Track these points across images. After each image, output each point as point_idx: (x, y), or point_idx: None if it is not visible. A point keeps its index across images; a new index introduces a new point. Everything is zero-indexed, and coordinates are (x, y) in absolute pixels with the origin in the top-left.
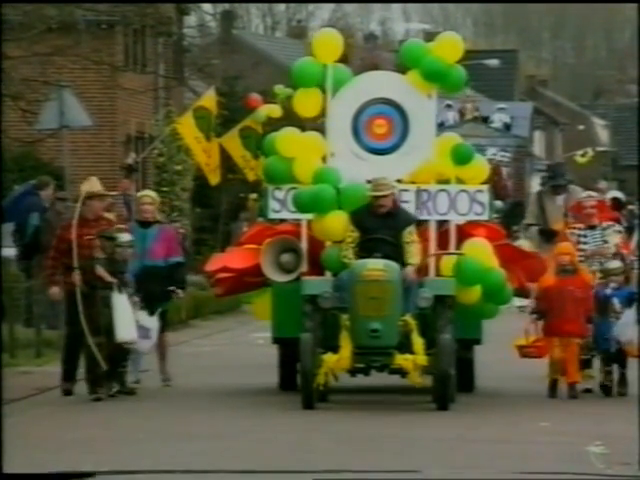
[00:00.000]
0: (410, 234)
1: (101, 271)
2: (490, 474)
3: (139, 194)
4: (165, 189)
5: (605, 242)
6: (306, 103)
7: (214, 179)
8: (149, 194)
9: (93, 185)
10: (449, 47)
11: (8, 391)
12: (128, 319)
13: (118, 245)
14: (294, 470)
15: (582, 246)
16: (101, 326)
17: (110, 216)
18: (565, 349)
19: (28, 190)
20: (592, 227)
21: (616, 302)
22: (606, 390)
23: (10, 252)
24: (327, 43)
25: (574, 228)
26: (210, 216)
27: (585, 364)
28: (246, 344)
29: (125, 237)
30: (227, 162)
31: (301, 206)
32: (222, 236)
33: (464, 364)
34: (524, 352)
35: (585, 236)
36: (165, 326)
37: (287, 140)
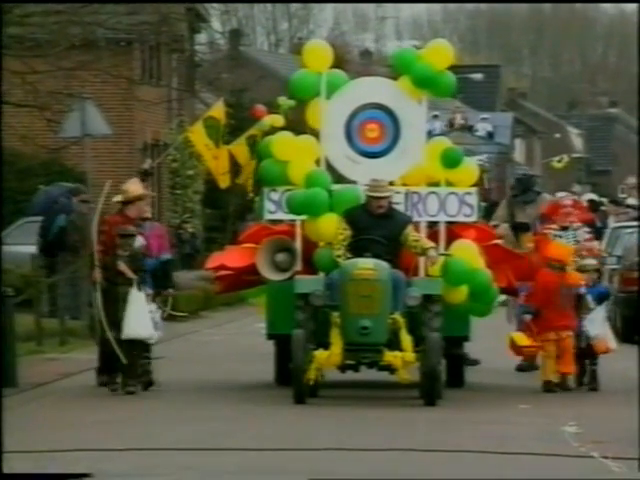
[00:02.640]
0: (413, 233)
1: (123, 267)
2: (473, 453)
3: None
4: (178, 192)
5: (577, 242)
6: (317, 114)
7: (223, 183)
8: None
9: (138, 186)
10: (439, 54)
11: (35, 376)
12: (141, 317)
13: (132, 255)
14: (293, 448)
15: None
16: (120, 321)
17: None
18: (559, 343)
19: (64, 193)
20: (565, 228)
21: (590, 299)
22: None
23: (31, 249)
24: (317, 53)
25: (550, 228)
26: (219, 216)
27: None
28: (251, 333)
29: (138, 242)
30: (235, 167)
31: (294, 208)
32: (230, 235)
33: (454, 360)
34: (523, 351)
35: (560, 237)
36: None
37: (282, 144)
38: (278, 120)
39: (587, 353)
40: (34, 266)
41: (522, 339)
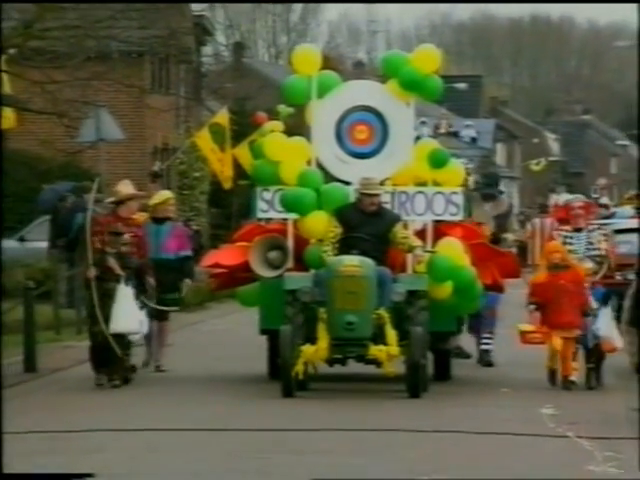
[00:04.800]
0: (402, 232)
1: (112, 263)
2: (456, 433)
3: (159, 194)
4: (186, 192)
5: (591, 244)
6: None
7: (227, 184)
8: (169, 195)
9: (128, 187)
10: (427, 58)
11: (54, 362)
12: (128, 312)
13: (122, 243)
14: (289, 428)
15: (569, 247)
16: (107, 316)
17: (143, 216)
18: (564, 342)
19: (69, 190)
20: (578, 230)
21: (592, 300)
22: (588, 384)
23: (43, 244)
24: (305, 57)
25: (562, 230)
26: (224, 215)
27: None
28: (253, 324)
29: (126, 239)
30: (238, 170)
31: (286, 206)
32: (234, 232)
33: (440, 355)
34: (529, 338)
35: (571, 238)
36: (168, 315)
37: (274, 144)
38: (278, 126)
39: (594, 353)
40: (52, 260)
41: (526, 326)
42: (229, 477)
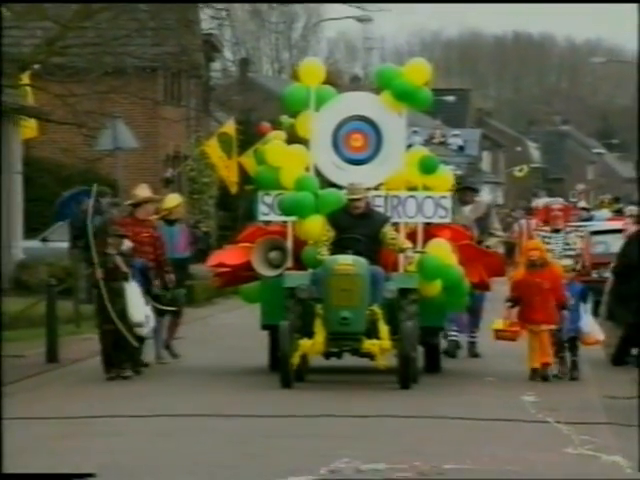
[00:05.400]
0: (390, 232)
1: (119, 261)
2: (443, 418)
3: (169, 197)
4: (196, 197)
5: (567, 244)
6: (307, 125)
7: (233, 189)
8: (181, 198)
9: (145, 191)
10: (418, 71)
11: (74, 353)
12: (140, 304)
13: (121, 253)
14: (289, 414)
15: (547, 247)
16: (117, 313)
17: (155, 218)
18: (538, 336)
19: (75, 195)
20: (556, 230)
21: (569, 296)
22: (560, 374)
23: (65, 245)
24: (310, 69)
25: (541, 230)
26: (231, 218)
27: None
28: (257, 318)
29: (127, 244)
30: (244, 176)
31: (284, 210)
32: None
33: (431, 349)
34: (500, 335)
35: (550, 238)
36: (179, 310)
37: (275, 151)
38: (281, 136)
39: (569, 346)
40: (72, 259)
41: (498, 324)
42: (232, 459)
